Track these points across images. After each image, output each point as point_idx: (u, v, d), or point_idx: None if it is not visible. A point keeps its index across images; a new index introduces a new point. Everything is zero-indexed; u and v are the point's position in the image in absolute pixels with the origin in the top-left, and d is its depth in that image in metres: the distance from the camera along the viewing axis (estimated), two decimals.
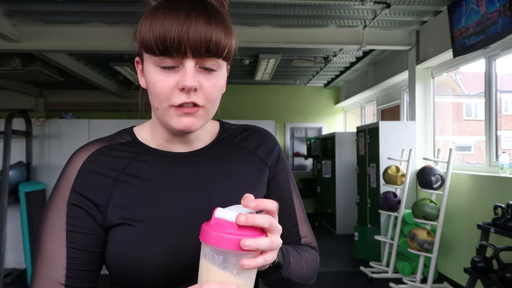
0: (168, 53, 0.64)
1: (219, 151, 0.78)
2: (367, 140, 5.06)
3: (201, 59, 0.65)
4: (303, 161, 8.44)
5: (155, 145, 0.75)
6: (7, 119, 4.00)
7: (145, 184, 0.71)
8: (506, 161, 3.29)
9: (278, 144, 0.85)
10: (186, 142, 0.76)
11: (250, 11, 4.10)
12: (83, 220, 0.68)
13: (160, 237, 0.67)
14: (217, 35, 0.64)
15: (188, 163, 0.75)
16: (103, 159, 0.71)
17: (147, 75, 0.69)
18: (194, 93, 0.66)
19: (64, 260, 0.66)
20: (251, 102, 8.13)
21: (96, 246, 0.68)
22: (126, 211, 0.69)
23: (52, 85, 7.57)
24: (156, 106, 0.68)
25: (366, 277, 4.22)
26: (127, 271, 0.67)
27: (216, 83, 0.68)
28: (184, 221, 0.69)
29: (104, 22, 4.44)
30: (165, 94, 0.66)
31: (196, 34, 0.63)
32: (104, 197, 0.69)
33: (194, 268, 0.66)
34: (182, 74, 0.65)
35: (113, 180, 0.70)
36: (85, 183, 0.69)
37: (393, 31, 4.73)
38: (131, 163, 0.72)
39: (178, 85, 0.65)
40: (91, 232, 0.68)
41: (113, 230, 0.68)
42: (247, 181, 0.77)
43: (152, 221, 0.68)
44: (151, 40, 0.64)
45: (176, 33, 0.62)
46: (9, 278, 4.06)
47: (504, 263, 2.73)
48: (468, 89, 6.80)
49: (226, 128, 0.83)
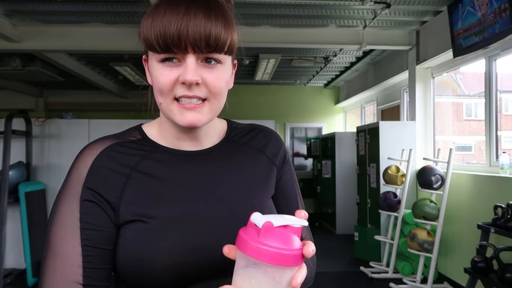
0: (169, 49, 0.64)
1: (228, 149, 0.78)
2: (367, 140, 5.06)
3: (202, 54, 0.65)
4: (303, 161, 8.44)
5: (164, 143, 0.75)
6: (7, 119, 4.00)
7: (156, 182, 0.70)
8: (506, 161, 3.29)
9: (284, 144, 0.86)
10: (195, 140, 0.75)
11: (250, 11, 4.10)
12: (97, 216, 0.66)
13: (172, 235, 0.66)
14: (217, 30, 0.64)
15: (198, 161, 0.74)
16: (115, 156, 0.70)
17: (151, 72, 0.69)
18: (196, 87, 0.66)
19: (80, 259, 0.64)
20: (251, 102, 8.13)
21: (109, 243, 0.67)
22: (138, 208, 0.67)
23: (52, 85, 7.57)
24: (160, 101, 0.69)
25: (366, 277, 4.22)
26: (138, 269, 0.65)
27: (220, 76, 0.68)
28: (195, 220, 0.69)
29: (104, 22, 4.44)
30: (167, 87, 0.66)
31: (195, 29, 0.63)
32: (117, 194, 0.68)
33: (206, 268, 0.66)
34: (184, 68, 0.65)
35: (125, 177, 0.69)
36: (98, 179, 0.68)
37: (393, 31, 4.73)
38: (142, 161, 0.71)
39: (179, 79, 0.65)
40: (105, 229, 0.66)
41: (125, 227, 0.67)
42: (256, 179, 0.77)
43: (164, 219, 0.67)
44: (152, 37, 0.64)
45: (175, 29, 0.63)
46: (9, 278, 4.06)
47: (504, 263, 2.73)
48: (468, 89, 6.81)
49: (234, 127, 0.83)
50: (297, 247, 0.52)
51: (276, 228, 0.52)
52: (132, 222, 0.67)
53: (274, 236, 0.51)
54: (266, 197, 0.77)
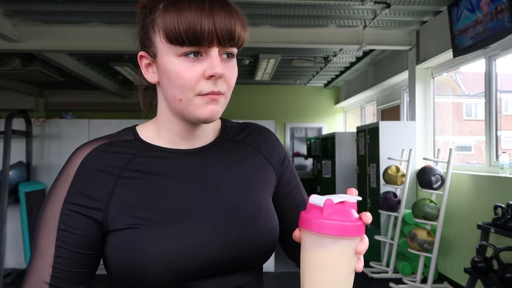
0: (197, 42, 0.65)
1: (223, 147, 0.78)
2: (367, 140, 5.06)
3: (224, 48, 0.67)
4: (303, 161, 8.44)
5: (158, 143, 0.74)
6: (7, 119, 4.00)
7: (148, 180, 0.70)
8: (506, 161, 3.29)
9: (279, 142, 0.85)
10: (193, 139, 0.75)
11: (250, 11, 4.10)
12: (77, 220, 0.65)
13: (167, 234, 0.66)
14: (238, 26, 0.67)
15: (193, 159, 0.74)
16: (105, 156, 0.69)
17: (167, 67, 0.67)
18: (219, 81, 0.67)
19: (52, 258, 0.65)
20: (251, 102, 8.13)
21: (87, 248, 0.66)
22: (131, 208, 0.67)
23: (52, 85, 7.57)
24: (179, 97, 0.68)
25: (366, 277, 4.22)
26: (133, 270, 0.65)
27: (234, 70, 0.70)
28: (190, 218, 0.68)
29: (104, 22, 4.44)
30: (191, 83, 0.66)
31: (221, 24, 0.65)
32: (105, 195, 0.67)
33: (203, 266, 0.66)
34: (209, 62, 0.66)
35: (115, 177, 0.68)
36: (85, 181, 0.67)
37: (393, 31, 4.73)
38: (134, 159, 0.71)
39: (205, 73, 0.66)
40: (84, 234, 0.66)
41: (117, 229, 0.66)
42: (252, 177, 0.77)
43: (158, 218, 0.67)
44: (181, 30, 0.64)
45: (205, 23, 0.64)
46: (9, 278, 4.06)
47: (504, 263, 2.73)
48: (468, 89, 6.81)
49: (228, 125, 0.83)
50: (356, 218, 0.59)
51: (336, 204, 0.58)
52: (125, 223, 0.66)
53: (336, 211, 0.58)
54: (263, 195, 0.76)
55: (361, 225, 0.58)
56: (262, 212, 0.73)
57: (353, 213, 0.59)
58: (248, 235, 0.69)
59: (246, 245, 0.69)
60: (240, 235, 0.69)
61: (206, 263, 0.66)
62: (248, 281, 0.73)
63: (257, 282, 0.75)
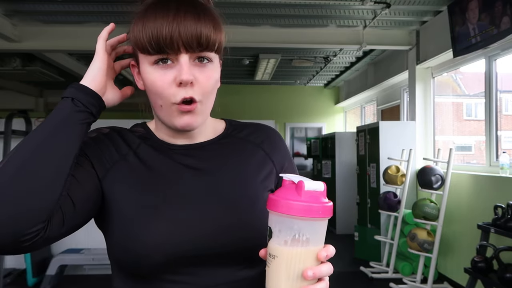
0: (161, 50, 0.66)
1: (224, 143, 0.80)
2: (367, 140, 5.06)
3: (194, 53, 0.68)
4: (303, 161, 8.44)
5: (162, 138, 0.78)
6: (7, 119, 4.00)
7: (149, 168, 0.73)
8: (506, 161, 3.29)
9: (283, 142, 0.86)
10: (189, 137, 0.78)
11: (250, 11, 4.10)
12: (83, 169, 0.68)
13: (159, 216, 0.68)
14: (207, 30, 0.67)
15: (192, 151, 0.77)
16: (119, 136, 0.76)
17: (144, 76, 0.71)
18: (190, 87, 0.68)
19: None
20: (251, 102, 8.13)
21: (83, 180, 0.67)
22: (128, 193, 0.70)
23: (52, 85, 7.57)
24: (160, 103, 0.70)
25: (366, 277, 4.22)
26: (130, 257, 0.67)
27: (210, 75, 0.70)
28: (188, 207, 0.70)
29: (104, 22, 4.44)
30: (166, 90, 0.68)
31: (186, 30, 0.66)
32: (105, 167, 0.71)
33: (194, 250, 0.68)
34: (178, 69, 0.67)
35: (121, 155, 0.73)
36: (95, 146, 0.72)
37: (393, 31, 4.73)
38: (142, 144, 0.76)
39: (175, 80, 0.67)
40: (85, 177, 0.68)
41: (114, 212, 0.69)
42: (251, 171, 0.78)
43: (157, 206, 0.69)
44: (145, 39, 0.67)
45: (167, 31, 0.65)
46: (9, 278, 4.06)
47: (504, 263, 2.73)
48: (468, 89, 6.81)
49: (233, 124, 0.85)
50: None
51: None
52: (121, 206, 0.69)
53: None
54: (261, 190, 0.77)
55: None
56: (258, 205, 0.74)
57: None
58: (239, 225, 0.71)
59: (238, 235, 0.70)
60: (230, 224, 0.70)
61: (197, 248, 0.68)
62: (247, 277, 0.73)
63: (257, 282, 0.74)
